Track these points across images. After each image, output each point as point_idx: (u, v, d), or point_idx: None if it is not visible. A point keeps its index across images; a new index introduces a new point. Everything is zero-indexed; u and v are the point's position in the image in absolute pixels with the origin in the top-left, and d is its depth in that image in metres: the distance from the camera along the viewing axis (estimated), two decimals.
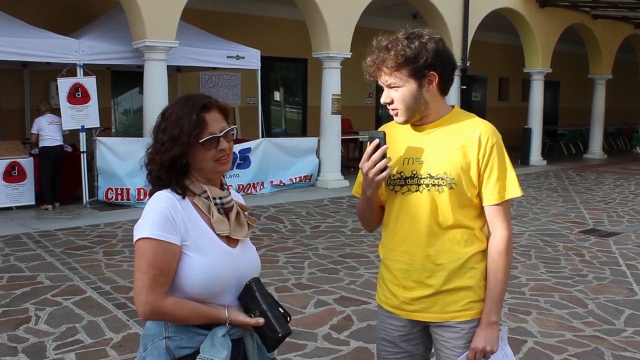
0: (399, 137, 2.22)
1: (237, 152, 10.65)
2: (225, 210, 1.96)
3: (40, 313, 4.96)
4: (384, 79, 2.12)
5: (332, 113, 11.95)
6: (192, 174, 1.93)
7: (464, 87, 14.47)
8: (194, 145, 1.86)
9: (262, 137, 11.47)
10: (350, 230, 8.15)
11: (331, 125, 12.01)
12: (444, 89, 2.17)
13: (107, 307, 5.11)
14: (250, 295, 1.90)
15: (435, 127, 2.19)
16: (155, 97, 9.52)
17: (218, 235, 1.91)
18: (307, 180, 11.94)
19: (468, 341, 2.17)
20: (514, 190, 2.16)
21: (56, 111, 9.55)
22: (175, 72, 12.80)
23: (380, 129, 2.22)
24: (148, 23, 9.45)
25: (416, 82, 2.09)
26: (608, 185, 12.77)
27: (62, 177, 9.58)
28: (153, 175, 1.90)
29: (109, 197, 9.55)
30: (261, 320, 1.87)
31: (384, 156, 2.09)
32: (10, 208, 9.26)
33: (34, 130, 9.40)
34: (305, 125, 16.27)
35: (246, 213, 2.04)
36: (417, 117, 2.16)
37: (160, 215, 1.82)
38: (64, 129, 9.44)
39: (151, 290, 1.78)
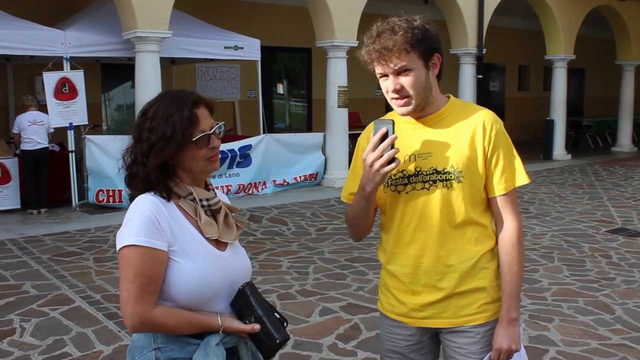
0: (399, 132, 2.17)
1: (236, 150, 10.67)
2: (212, 212, 1.97)
3: (25, 324, 4.98)
4: (394, 62, 2.05)
5: (339, 106, 11.94)
6: (177, 175, 1.94)
7: (480, 76, 14.40)
8: (187, 144, 1.87)
9: (264, 133, 11.48)
10: None
11: (338, 119, 12.01)
12: (439, 76, 2.19)
13: (97, 318, 5.13)
14: (245, 301, 1.91)
15: (436, 118, 2.19)
16: (148, 91, 9.49)
17: (206, 238, 1.92)
18: (313, 179, 11.95)
19: (484, 345, 2.19)
20: (521, 177, 2.20)
21: (42, 107, 9.56)
22: (169, 65, 12.85)
23: (386, 116, 2.19)
24: (139, 12, 9.46)
25: (424, 66, 2.10)
26: (638, 181, 12.70)
27: (48, 180, 9.51)
28: (140, 179, 1.89)
29: (100, 199, 9.59)
30: (257, 326, 1.89)
31: (392, 146, 2.05)
32: None
33: (14, 130, 9.34)
34: (310, 119, 16.27)
35: (234, 214, 2.05)
36: (422, 106, 2.14)
37: (145, 220, 1.83)
38: (51, 126, 9.41)
39: (139, 300, 1.79)
